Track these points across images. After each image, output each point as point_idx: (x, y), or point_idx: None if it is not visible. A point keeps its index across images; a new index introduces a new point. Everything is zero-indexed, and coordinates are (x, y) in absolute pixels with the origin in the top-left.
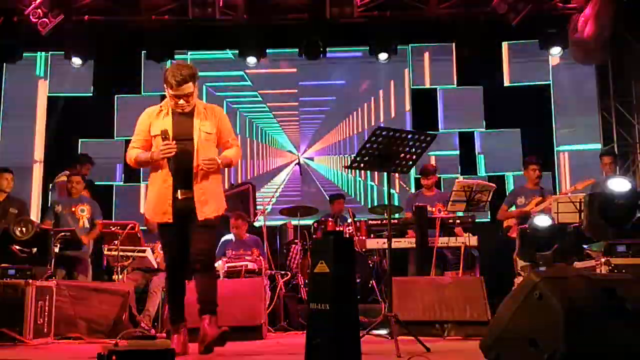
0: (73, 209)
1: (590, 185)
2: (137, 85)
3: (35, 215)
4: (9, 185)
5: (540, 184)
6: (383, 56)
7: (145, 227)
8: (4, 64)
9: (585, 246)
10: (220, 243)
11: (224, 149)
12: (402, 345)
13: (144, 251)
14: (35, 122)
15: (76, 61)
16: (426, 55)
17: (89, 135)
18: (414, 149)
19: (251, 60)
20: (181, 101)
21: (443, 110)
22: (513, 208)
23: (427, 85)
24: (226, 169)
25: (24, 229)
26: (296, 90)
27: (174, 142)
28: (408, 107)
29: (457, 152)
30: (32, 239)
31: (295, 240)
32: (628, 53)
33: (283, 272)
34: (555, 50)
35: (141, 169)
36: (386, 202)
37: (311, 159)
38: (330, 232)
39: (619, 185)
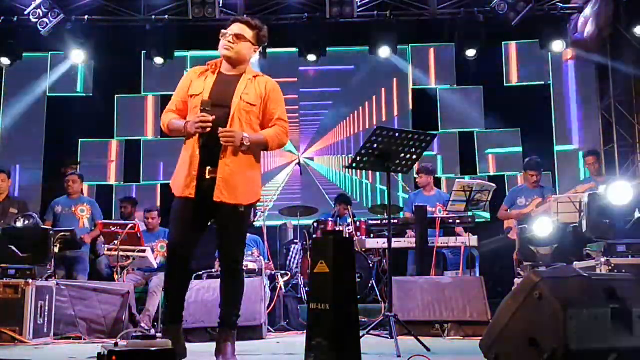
0: (73, 210)
1: (591, 189)
2: (137, 85)
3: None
4: (3, 185)
5: (542, 183)
6: (383, 56)
7: (145, 228)
8: (4, 64)
9: (585, 246)
10: None
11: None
12: (402, 345)
13: (144, 251)
14: (36, 122)
15: (76, 60)
16: (426, 55)
17: (89, 135)
18: (414, 149)
19: (252, 61)
20: (229, 38)
21: (443, 110)
22: (514, 207)
23: (427, 85)
24: None
25: (26, 221)
26: (296, 83)
27: (213, 117)
28: (408, 107)
29: (457, 152)
30: (33, 237)
31: (295, 240)
32: (628, 53)
33: (283, 272)
34: (556, 50)
35: (141, 169)
36: (387, 202)
37: (311, 159)
38: (330, 232)
39: (619, 195)
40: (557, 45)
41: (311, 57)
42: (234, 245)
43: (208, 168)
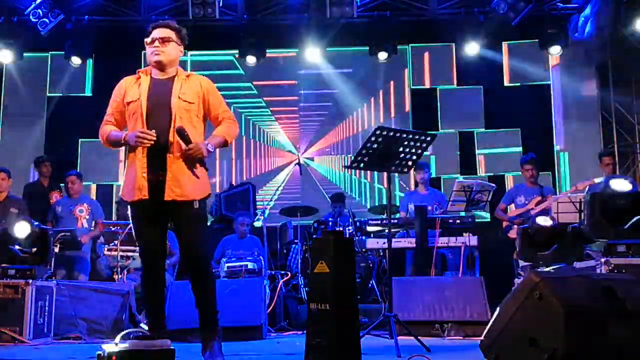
0: (73, 210)
1: (590, 186)
2: None
3: None
4: (3, 184)
5: (540, 182)
6: (383, 56)
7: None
8: (4, 64)
9: (585, 246)
10: (220, 243)
11: (215, 124)
12: (402, 345)
13: None
14: (36, 122)
15: (76, 61)
16: (426, 55)
17: (89, 135)
18: (414, 149)
19: (251, 60)
20: (156, 43)
21: (443, 110)
22: (512, 207)
23: (427, 86)
24: (223, 164)
25: (23, 228)
26: (296, 87)
27: (154, 130)
28: (408, 107)
29: (457, 152)
30: (31, 239)
31: (295, 240)
32: (628, 53)
33: (283, 272)
34: (555, 50)
35: None
36: (386, 202)
37: (311, 159)
38: (330, 232)
39: (621, 185)
40: (557, 46)
41: (311, 57)
42: (195, 242)
43: (159, 172)
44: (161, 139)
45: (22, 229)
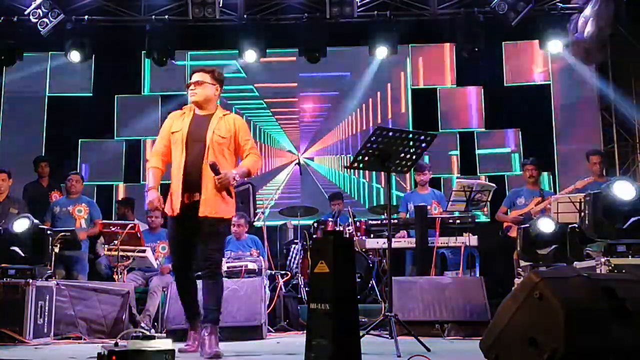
0: (71, 210)
1: (589, 185)
2: (137, 85)
3: None
4: (4, 185)
5: (540, 184)
6: (383, 56)
7: (147, 228)
8: (4, 64)
9: (585, 246)
10: None
11: (242, 158)
12: (402, 345)
13: (144, 251)
14: (36, 122)
15: (75, 58)
16: (426, 55)
17: (89, 135)
18: (414, 149)
19: (250, 60)
20: (191, 87)
21: (443, 110)
22: (514, 208)
23: (427, 85)
24: None
25: (22, 224)
26: (296, 88)
27: (163, 207)
28: (408, 107)
29: (457, 152)
30: (31, 238)
31: (295, 240)
32: (628, 53)
33: (283, 272)
34: (555, 50)
35: (141, 169)
36: (386, 202)
37: (311, 159)
38: (330, 232)
39: (624, 190)
40: (557, 45)
41: (311, 57)
42: (216, 252)
43: (194, 193)
44: (197, 166)
45: (21, 226)
